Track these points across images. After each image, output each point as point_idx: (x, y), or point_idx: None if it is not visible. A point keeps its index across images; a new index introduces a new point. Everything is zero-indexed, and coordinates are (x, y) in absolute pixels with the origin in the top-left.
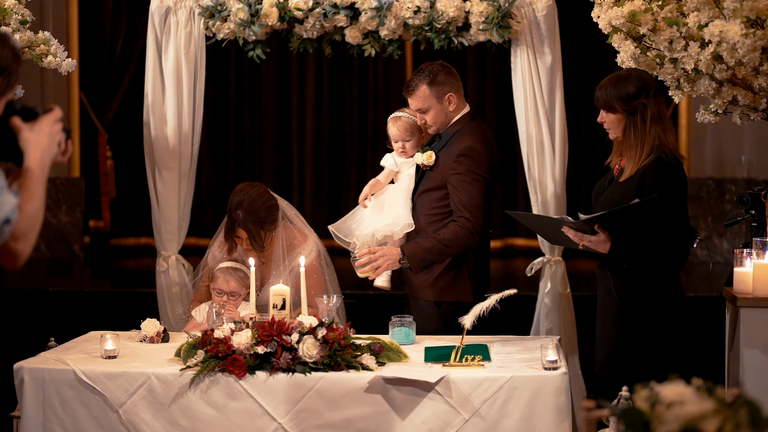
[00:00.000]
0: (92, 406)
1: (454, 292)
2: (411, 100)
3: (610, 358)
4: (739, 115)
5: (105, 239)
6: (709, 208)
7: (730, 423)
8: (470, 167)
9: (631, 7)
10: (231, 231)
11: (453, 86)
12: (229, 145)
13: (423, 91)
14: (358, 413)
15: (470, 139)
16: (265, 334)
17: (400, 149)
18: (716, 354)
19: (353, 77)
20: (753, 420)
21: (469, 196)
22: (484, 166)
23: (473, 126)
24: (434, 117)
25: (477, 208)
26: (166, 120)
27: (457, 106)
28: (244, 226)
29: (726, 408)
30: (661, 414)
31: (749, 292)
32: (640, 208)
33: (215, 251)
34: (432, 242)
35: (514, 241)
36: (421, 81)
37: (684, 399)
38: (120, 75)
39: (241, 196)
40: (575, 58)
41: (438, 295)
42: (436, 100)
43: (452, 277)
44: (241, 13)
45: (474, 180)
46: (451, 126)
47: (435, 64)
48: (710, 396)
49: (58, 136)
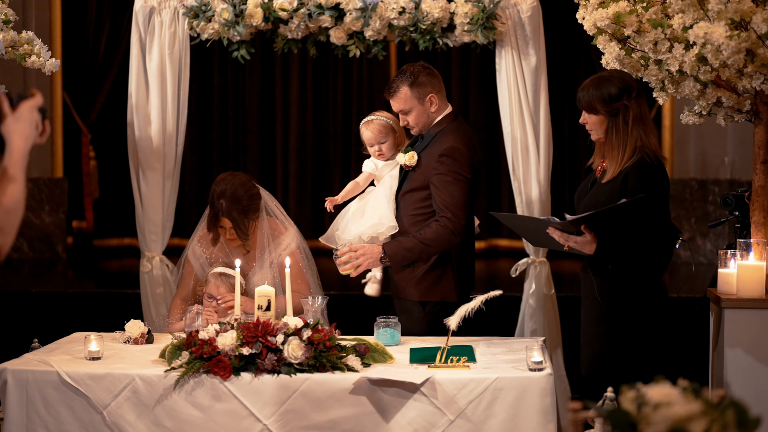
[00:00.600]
0: (76, 408)
1: (438, 291)
2: (393, 101)
3: (595, 359)
4: (723, 116)
5: (88, 240)
6: (692, 209)
7: (717, 424)
8: (452, 167)
9: (616, 9)
10: (214, 221)
11: (434, 87)
12: (214, 145)
13: (404, 92)
14: (343, 414)
15: (452, 140)
16: (250, 336)
17: (377, 152)
18: (700, 355)
19: (338, 78)
20: (740, 421)
21: (450, 196)
22: (466, 166)
23: (455, 126)
24: (416, 118)
25: (459, 207)
26: (150, 120)
27: (439, 106)
28: (228, 215)
29: (713, 409)
30: (648, 415)
31: (733, 293)
32: (627, 208)
33: (195, 246)
34: (413, 241)
35: (498, 242)
36: (402, 82)
37: (671, 400)
38: (103, 75)
39: (223, 186)
40: (560, 60)
41: (422, 294)
42: (418, 101)
43: (436, 276)
44: (226, 14)
45: (456, 180)
46: (433, 126)
47: (416, 66)
48: (697, 397)
49: (36, 120)
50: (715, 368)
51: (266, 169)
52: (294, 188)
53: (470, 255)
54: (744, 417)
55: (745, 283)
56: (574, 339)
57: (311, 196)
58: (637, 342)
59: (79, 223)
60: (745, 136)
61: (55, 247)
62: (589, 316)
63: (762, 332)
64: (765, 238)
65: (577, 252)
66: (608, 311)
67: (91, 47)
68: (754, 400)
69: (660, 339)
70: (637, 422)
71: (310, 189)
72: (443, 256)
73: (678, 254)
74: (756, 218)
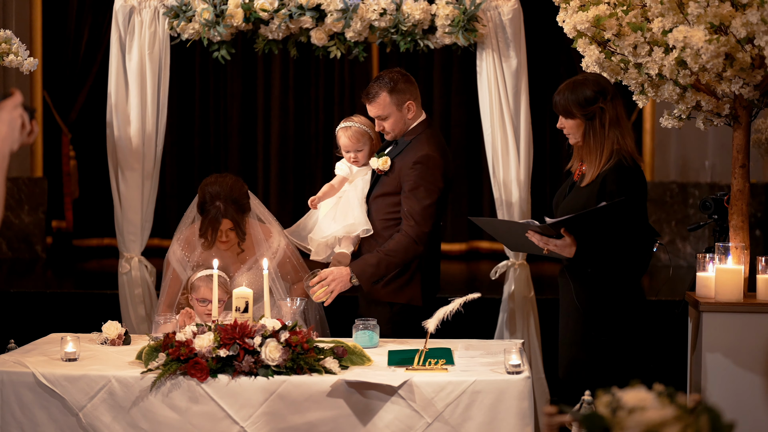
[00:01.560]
0: (52, 410)
1: (404, 294)
2: (371, 106)
3: (573, 363)
4: (702, 120)
5: (68, 240)
6: (672, 213)
7: (690, 429)
8: (424, 175)
9: (596, 12)
10: (214, 224)
11: (412, 94)
12: (194, 146)
13: (383, 98)
14: (320, 417)
15: (427, 148)
16: (227, 337)
17: (352, 158)
18: (679, 358)
19: (319, 79)
20: (713, 427)
21: (418, 204)
22: (439, 174)
23: (430, 134)
24: (393, 124)
25: (424, 217)
26: (130, 120)
27: (415, 113)
28: (227, 215)
29: (687, 414)
30: (622, 420)
31: (711, 296)
32: (606, 211)
33: (177, 250)
34: (377, 256)
35: (479, 245)
36: (381, 88)
37: (645, 405)
38: (84, 74)
39: (216, 188)
40: (541, 62)
41: (389, 296)
42: (396, 107)
43: (405, 280)
44: (206, 14)
45: (426, 188)
46: (408, 133)
47: (395, 72)
48: (671, 402)
49: (18, 121)
50: (693, 372)
51: (247, 169)
52: (275, 189)
53: (436, 259)
54: (717, 422)
55: (723, 286)
56: (554, 342)
57: (293, 196)
58: (615, 346)
59: (59, 223)
60: (725, 140)
61: (35, 246)
62: (567, 320)
63: (740, 336)
64: (743, 241)
65: (556, 256)
66: (587, 315)
67: (71, 46)
68: (731, 404)
69: (638, 342)
70: (612, 427)
71: (292, 190)
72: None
73: (658, 257)
74: (734, 222)
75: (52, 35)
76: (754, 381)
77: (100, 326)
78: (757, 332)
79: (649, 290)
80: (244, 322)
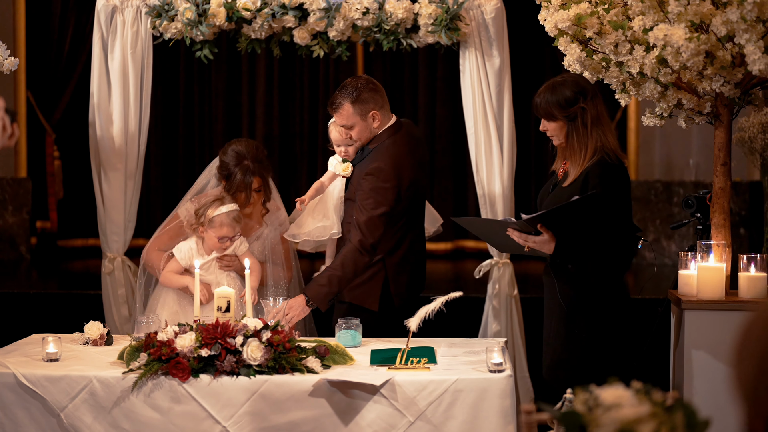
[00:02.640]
0: (33, 410)
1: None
2: (335, 116)
3: (557, 361)
4: (684, 118)
5: (52, 240)
6: (657, 211)
7: (665, 426)
8: (374, 186)
9: (577, 11)
10: (245, 182)
11: (377, 103)
12: (179, 146)
13: (346, 108)
14: (302, 416)
15: (381, 159)
16: (209, 337)
17: (343, 153)
18: (662, 356)
19: (304, 78)
20: (688, 423)
21: (364, 215)
22: (390, 186)
23: (390, 143)
24: (359, 133)
25: (370, 227)
26: (112, 120)
27: (381, 122)
28: (259, 173)
29: (662, 411)
30: (599, 417)
31: (693, 294)
32: (580, 205)
33: (192, 208)
34: (327, 275)
35: (464, 244)
36: (344, 98)
37: (622, 402)
38: (67, 74)
39: (241, 147)
40: (524, 61)
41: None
42: (360, 117)
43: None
44: (189, 13)
45: (375, 200)
46: (373, 141)
47: (360, 80)
48: (648, 399)
49: (2, 123)
50: (675, 369)
51: None
52: None
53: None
54: (693, 419)
55: (705, 284)
56: (538, 340)
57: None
58: (599, 344)
59: (43, 224)
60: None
61: (19, 247)
62: (551, 318)
63: (722, 333)
64: (725, 239)
65: (538, 253)
66: (570, 313)
67: (55, 46)
68: (714, 401)
69: (622, 340)
70: (588, 424)
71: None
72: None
73: (642, 255)
74: (716, 220)
75: (36, 35)
76: None
77: (83, 327)
78: None
79: (633, 288)
80: (226, 321)
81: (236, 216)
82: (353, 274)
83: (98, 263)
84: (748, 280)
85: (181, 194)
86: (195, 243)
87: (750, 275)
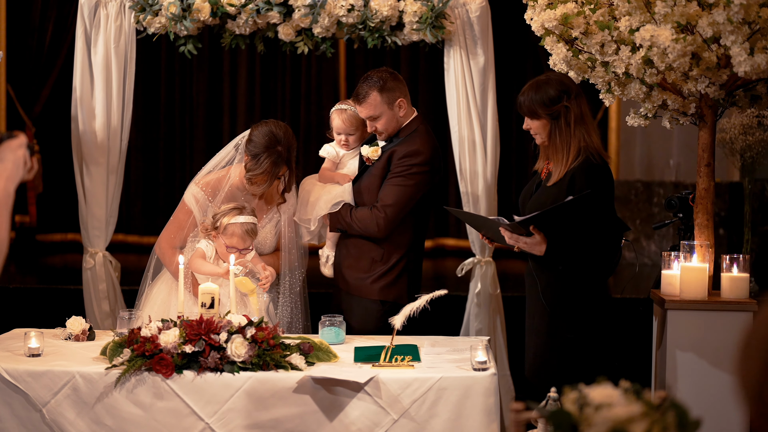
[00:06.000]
0: (15, 405)
1: (393, 291)
2: (361, 107)
3: (539, 360)
4: (668, 119)
5: (31, 235)
6: (637, 211)
7: (657, 426)
8: (408, 170)
9: (564, 10)
10: (273, 169)
11: (402, 92)
12: (160, 140)
13: (374, 97)
14: (286, 413)
15: (419, 143)
16: (193, 333)
17: (342, 141)
18: (643, 355)
19: (286, 74)
20: (680, 423)
21: (392, 195)
22: (424, 170)
23: (424, 130)
24: (386, 123)
25: (394, 208)
26: (95, 114)
27: (406, 111)
28: (287, 162)
29: (654, 411)
30: (590, 416)
31: (676, 294)
32: (573, 205)
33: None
34: (346, 209)
35: (444, 241)
36: (371, 88)
37: (612, 401)
38: (48, 67)
39: (279, 131)
40: (508, 60)
41: (380, 294)
42: (387, 106)
43: (394, 277)
44: (173, 8)
45: (405, 183)
46: (403, 130)
47: (382, 71)
48: (638, 399)
49: (22, 160)
50: (658, 369)
51: None
52: None
53: (420, 257)
54: (684, 419)
55: (688, 284)
56: (519, 339)
57: None
58: (580, 343)
59: (22, 218)
60: (690, 139)
61: None
62: (533, 317)
63: (704, 333)
64: (708, 240)
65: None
66: (552, 312)
67: (36, 39)
68: (696, 401)
69: (603, 340)
70: (579, 423)
71: None
72: (402, 259)
73: (623, 255)
74: (699, 220)
75: (17, 28)
76: (719, 377)
77: (65, 322)
78: (722, 330)
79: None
80: (210, 318)
81: (250, 229)
82: (355, 231)
83: (78, 258)
84: (731, 280)
85: (162, 188)
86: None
87: (732, 276)
